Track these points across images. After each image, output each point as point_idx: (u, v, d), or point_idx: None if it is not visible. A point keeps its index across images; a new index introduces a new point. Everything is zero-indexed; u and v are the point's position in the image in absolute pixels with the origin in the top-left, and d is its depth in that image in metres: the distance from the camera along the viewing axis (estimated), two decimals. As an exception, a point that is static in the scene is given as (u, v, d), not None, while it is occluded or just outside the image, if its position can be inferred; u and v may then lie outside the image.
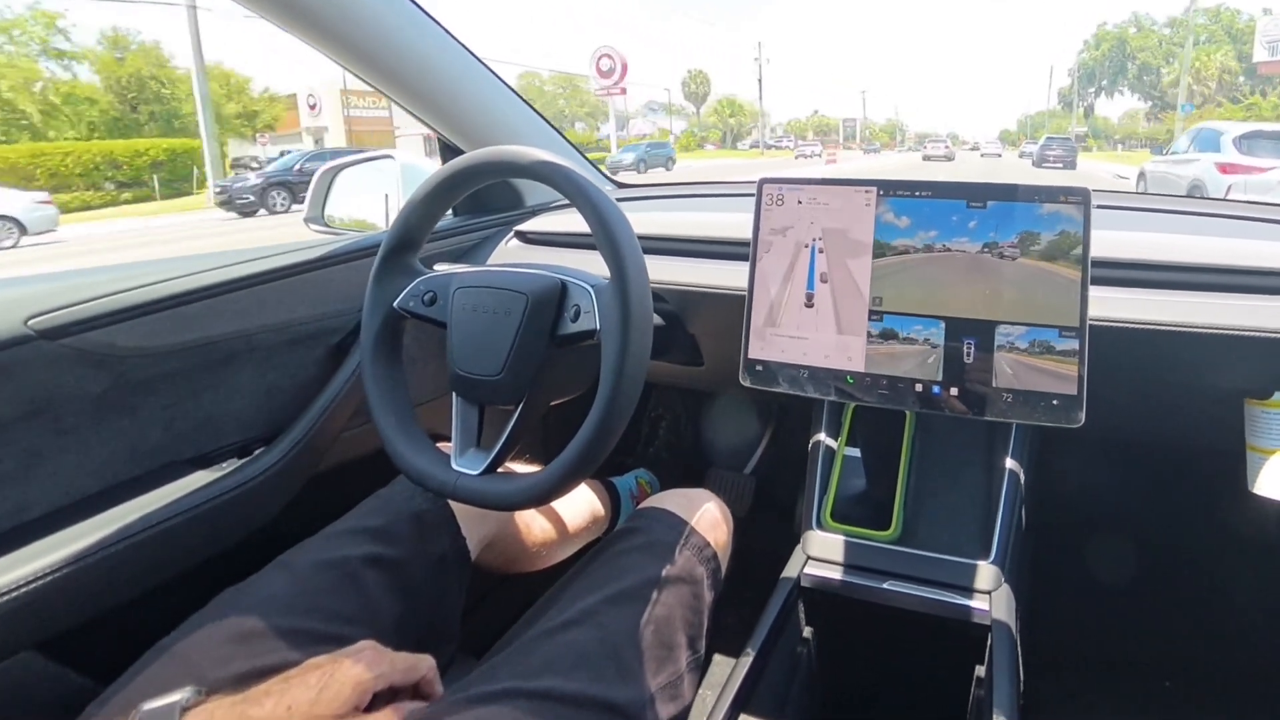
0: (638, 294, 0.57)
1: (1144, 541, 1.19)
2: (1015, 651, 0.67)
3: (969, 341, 0.61)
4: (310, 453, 0.83)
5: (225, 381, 0.78)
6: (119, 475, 0.71)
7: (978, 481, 0.80)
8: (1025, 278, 0.60)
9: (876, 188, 0.65)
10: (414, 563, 0.65)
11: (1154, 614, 1.14)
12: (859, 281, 0.65)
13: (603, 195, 0.60)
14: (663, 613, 0.61)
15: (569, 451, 0.58)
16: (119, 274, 0.70)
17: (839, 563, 0.76)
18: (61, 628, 0.64)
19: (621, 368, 0.56)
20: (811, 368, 0.66)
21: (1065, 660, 1.05)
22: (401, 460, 0.64)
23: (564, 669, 0.54)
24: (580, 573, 0.66)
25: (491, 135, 1.02)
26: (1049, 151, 22.36)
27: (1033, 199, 0.60)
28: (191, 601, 0.58)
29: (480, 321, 0.63)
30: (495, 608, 1.04)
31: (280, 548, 0.63)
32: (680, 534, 0.69)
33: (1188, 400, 0.78)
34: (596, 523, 0.92)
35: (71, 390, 0.66)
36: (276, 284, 0.81)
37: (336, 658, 0.47)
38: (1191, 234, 0.75)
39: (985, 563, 0.72)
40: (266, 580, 0.60)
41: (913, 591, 0.72)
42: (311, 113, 33.79)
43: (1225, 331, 0.64)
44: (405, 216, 0.68)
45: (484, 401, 0.65)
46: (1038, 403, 0.60)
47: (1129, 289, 0.70)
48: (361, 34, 0.83)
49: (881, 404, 0.65)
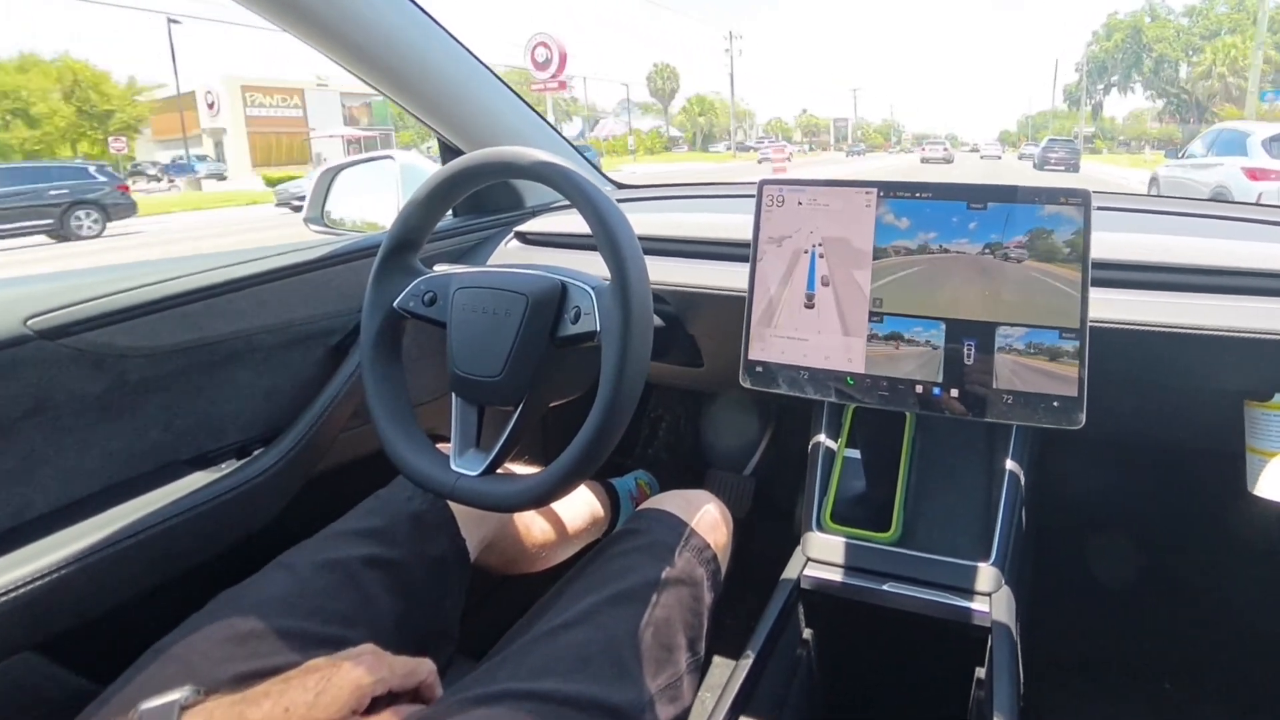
0: (638, 296, 0.57)
1: (1144, 543, 1.19)
2: (1015, 653, 0.66)
3: (969, 343, 0.61)
4: (309, 453, 0.83)
5: (224, 382, 0.78)
6: (118, 475, 0.71)
7: (978, 483, 0.80)
8: (1026, 279, 0.60)
9: (877, 189, 0.65)
10: (413, 564, 0.65)
11: (1154, 616, 1.14)
12: (859, 283, 0.65)
13: (604, 196, 0.60)
14: (662, 614, 0.61)
15: (569, 453, 0.58)
16: (118, 274, 0.70)
17: (839, 564, 0.76)
18: (61, 628, 0.64)
19: (622, 369, 0.56)
20: (811, 369, 0.66)
21: (1065, 662, 1.05)
22: (401, 461, 0.64)
23: (563, 670, 0.53)
24: (580, 574, 0.66)
25: (491, 136, 1.02)
26: (1051, 154, 22.22)
27: (1033, 200, 0.60)
28: (190, 602, 0.58)
29: (480, 322, 0.63)
30: (494, 609, 1.04)
31: (279, 548, 0.63)
32: (680, 535, 0.69)
33: (1188, 402, 0.78)
34: (596, 524, 0.92)
35: (71, 390, 0.66)
36: (276, 284, 0.81)
37: (336, 660, 0.47)
38: (1192, 235, 0.75)
39: (985, 564, 0.72)
40: (265, 581, 0.59)
41: (913, 593, 0.72)
42: (210, 112, 30.89)
43: (1225, 333, 0.64)
44: (405, 216, 0.68)
45: (484, 402, 0.65)
46: (1038, 404, 0.60)
47: (1129, 290, 0.70)
48: (363, 34, 0.83)
49: (882, 405, 0.65)
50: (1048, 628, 0.94)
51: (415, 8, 0.89)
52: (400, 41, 0.88)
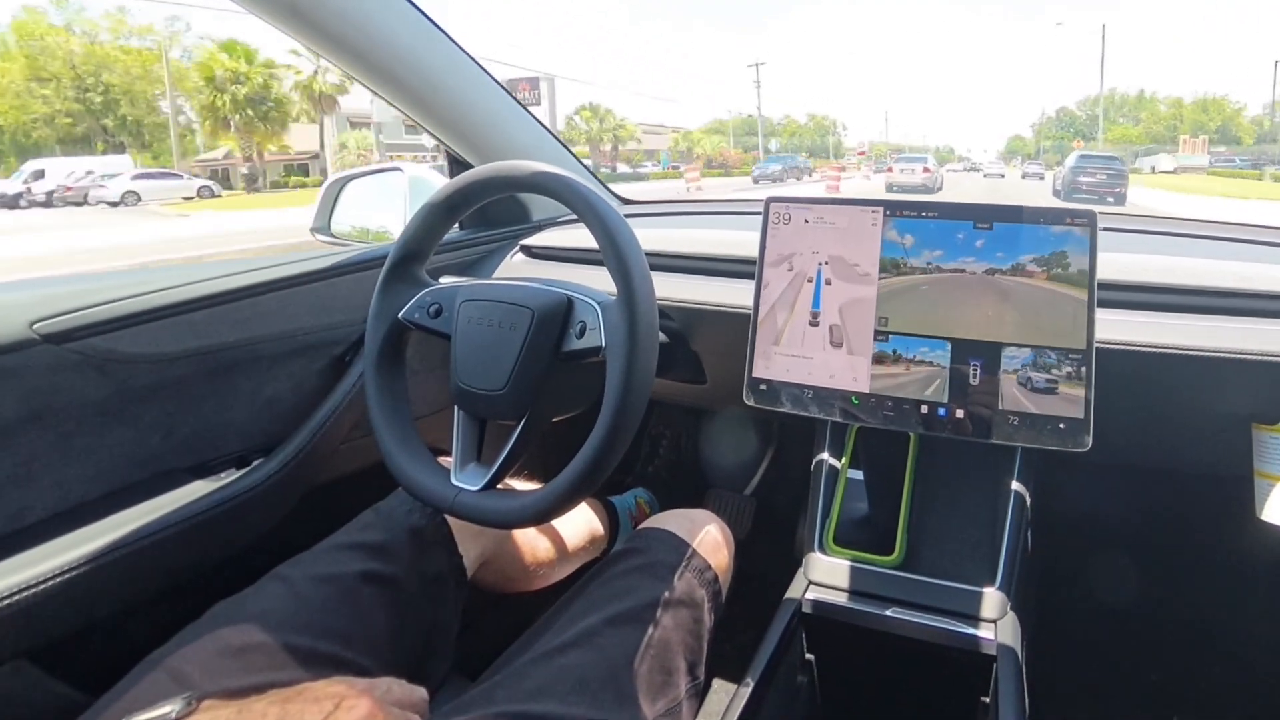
0: (645, 312, 0.57)
1: (1150, 567, 1.17)
2: (1021, 681, 0.65)
3: (975, 363, 0.61)
4: (309, 464, 0.83)
5: (227, 390, 0.78)
6: (116, 483, 0.70)
7: (982, 505, 0.79)
8: (1032, 300, 0.60)
9: (884, 208, 0.65)
10: (410, 580, 0.64)
11: (1161, 643, 1.12)
12: (865, 301, 0.65)
13: (613, 211, 0.60)
14: (663, 636, 0.60)
15: (571, 469, 0.57)
16: (124, 279, 0.70)
17: (841, 588, 0.75)
18: (54, 637, 0.63)
19: (626, 385, 0.56)
20: (816, 387, 0.66)
21: (1071, 690, 1.04)
22: (401, 474, 0.64)
23: (561, 693, 0.53)
24: (579, 593, 0.65)
25: (500, 150, 1.02)
26: (1084, 176, 14.22)
27: (1039, 221, 0.60)
28: (186, 613, 0.57)
29: (485, 335, 0.63)
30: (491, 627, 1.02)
31: (277, 559, 0.63)
32: (681, 555, 0.68)
33: (1195, 425, 0.77)
34: (594, 542, 0.91)
35: (73, 395, 0.66)
36: (281, 293, 0.81)
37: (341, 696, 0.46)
38: (1200, 257, 0.75)
39: (991, 589, 0.71)
40: (261, 594, 0.59)
41: (916, 620, 0.71)
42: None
43: (1232, 355, 0.64)
44: (413, 228, 0.68)
45: (486, 416, 0.64)
46: (1044, 426, 0.59)
47: (1136, 311, 0.70)
48: (374, 48, 0.84)
49: (886, 425, 0.64)
50: (1053, 654, 0.92)
51: (426, 20, 0.89)
52: (410, 54, 0.89)
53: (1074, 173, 14.52)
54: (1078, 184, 14.13)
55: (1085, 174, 14.34)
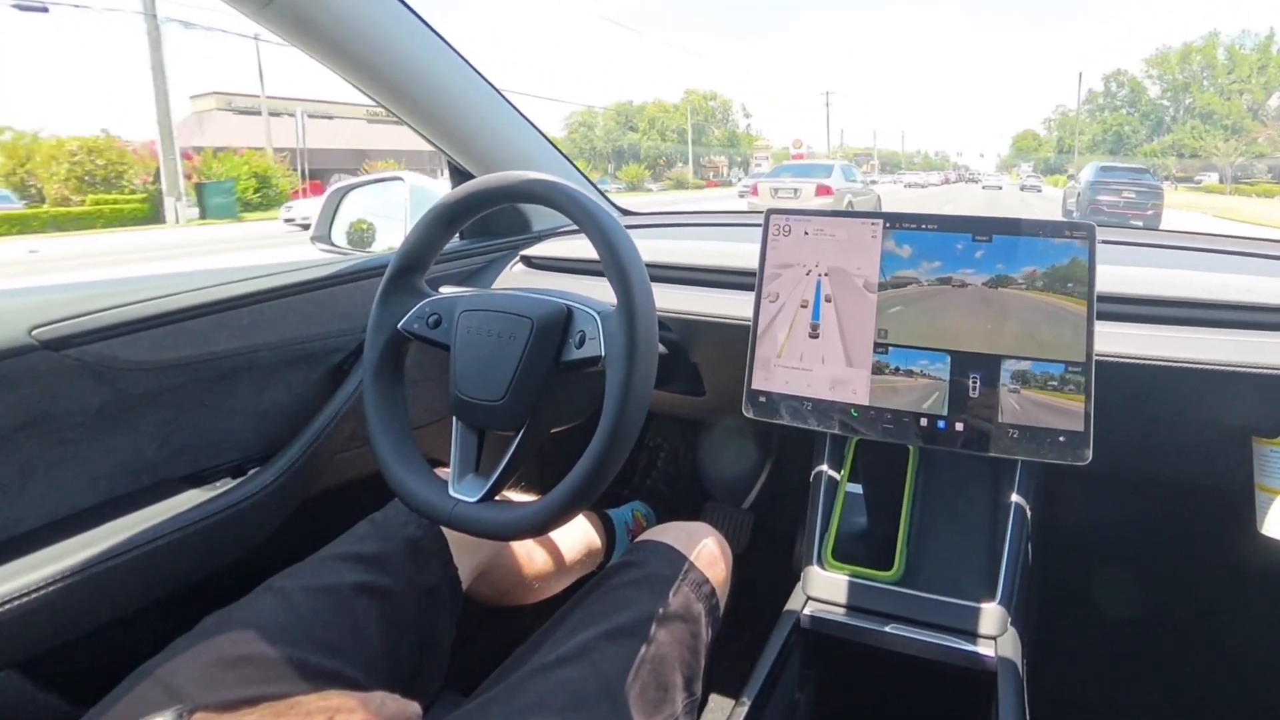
0: (644, 322, 0.57)
1: (1152, 581, 1.16)
2: (1022, 698, 0.65)
3: (974, 376, 0.61)
4: (305, 474, 0.82)
5: (224, 399, 0.78)
6: (111, 491, 0.70)
7: (982, 519, 0.79)
8: (1031, 312, 0.60)
9: (883, 220, 0.65)
10: (405, 592, 0.63)
11: (1163, 657, 1.11)
12: (864, 314, 0.65)
13: (613, 222, 0.60)
14: (659, 652, 0.59)
15: (569, 481, 0.57)
16: (123, 286, 0.70)
17: (840, 604, 0.74)
18: (45, 647, 0.62)
19: (625, 396, 0.55)
20: (815, 400, 0.66)
21: (1073, 706, 1.03)
22: (398, 484, 0.63)
23: (557, 709, 0.52)
24: (575, 607, 0.65)
25: (503, 161, 1.03)
26: (1104, 195, 11.36)
27: (1037, 233, 0.60)
28: (179, 623, 0.57)
29: (484, 345, 0.62)
30: (486, 641, 1.01)
31: (271, 569, 0.62)
32: (679, 569, 0.67)
33: (1195, 438, 0.77)
34: (591, 555, 0.91)
35: (70, 402, 0.65)
36: (280, 302, 0.81)
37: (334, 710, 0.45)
38: (1199, 269, 0.75)
39: (991, 605, 0.70)
40: (255, 605, 0.58)
41: (916, 636, 0.70)
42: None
43: (1232, 368, 0.64)
44: (414, 238, 0.68)
45: (485, 426, 0.64)
46: (1044, 439, 0.59)
47: (1136, 324, 0.70)
48: (377, 57, 0.85)
49: (885, 438, 0.64)
50: (1054, 669, 0.92)
51: (428, 30, 0.90)
52: (412, 63, 0.89)
53: (1092, 189, 11.62)
54: (1098, 204, 11.30)
55: (1107, 190, 11.45)
